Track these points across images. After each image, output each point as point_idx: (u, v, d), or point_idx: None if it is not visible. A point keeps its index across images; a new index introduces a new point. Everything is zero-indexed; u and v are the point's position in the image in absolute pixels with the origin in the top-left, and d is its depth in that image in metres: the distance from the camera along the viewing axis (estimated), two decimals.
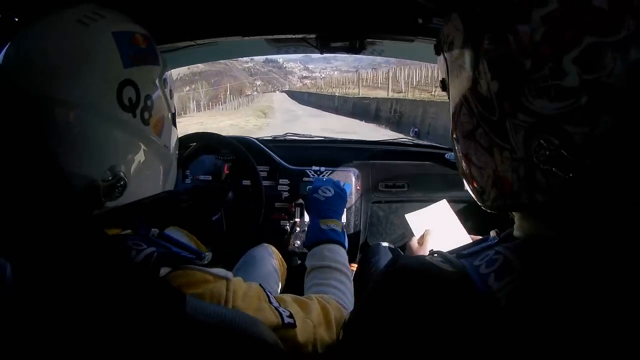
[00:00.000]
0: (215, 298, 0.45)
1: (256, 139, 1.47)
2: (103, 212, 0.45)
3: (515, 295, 0.29)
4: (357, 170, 1.36)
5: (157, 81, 0.51)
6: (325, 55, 1.11)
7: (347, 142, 1.68)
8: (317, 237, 0.78)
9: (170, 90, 0.55)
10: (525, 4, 0.28)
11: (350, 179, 1.33)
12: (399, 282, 0.35)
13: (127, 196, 0.46)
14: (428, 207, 0.95)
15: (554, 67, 0.27)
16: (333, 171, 1.34)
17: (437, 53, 0.41)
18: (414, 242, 0.92)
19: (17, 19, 0.50)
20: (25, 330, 0.33)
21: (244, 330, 0.39)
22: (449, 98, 0.40)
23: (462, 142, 0.37)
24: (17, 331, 0.33)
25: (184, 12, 0.85)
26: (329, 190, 0.88)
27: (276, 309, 0.50)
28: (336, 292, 0.66)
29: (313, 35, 0.97)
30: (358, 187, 1.35)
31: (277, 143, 1.56)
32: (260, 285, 0.53)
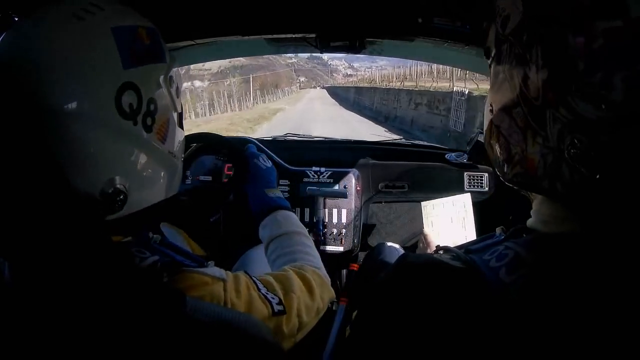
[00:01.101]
0: (215, 300, 0.45)
1: (256, 139, 1.47)
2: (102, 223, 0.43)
3: (527, 289, 0.30)
4: (357, 171, 1.35)
5: (161, 81, 0.46)
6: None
7: (347, 142, 1.68)
8: (266, 205, 0.76)
9: (177, 88, 0.50)
10: (593, 12, 0.28)
11: (350, 180, 1.32)
12: (409, 277, 0.35)
13: (128, 207, 0.43)
14: (449, 198, 0.94)
15: (605, 79, 0.27)
16: (333, 172, 1.34)
17: (487, 21, 0.41)
18: (427, 230, 0.95)
19: (17, 19, 0.50)
20: (25, 330, 0.33)
21: (243, 330, 0.39)
22: (490, 67, 0.41)
23: (497, 114, 0.38)
24: (18, 330, 0.33)
25: (183, 11, 0.85)
26: (267, 161, 0.88)
27: (265, 296, 0.50)
28: (305, 257, 0.66)
29: (313, 35, 0.97)
30: (358, 188, 1.34)
31: (276, 144, 1.56)
32: (245, 273, 0.52)
